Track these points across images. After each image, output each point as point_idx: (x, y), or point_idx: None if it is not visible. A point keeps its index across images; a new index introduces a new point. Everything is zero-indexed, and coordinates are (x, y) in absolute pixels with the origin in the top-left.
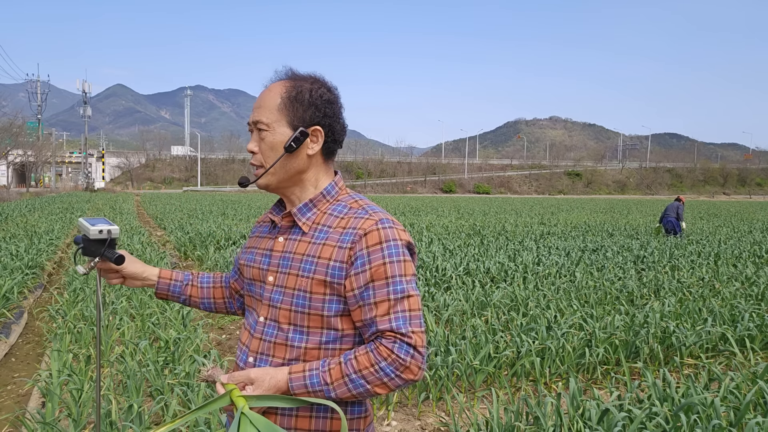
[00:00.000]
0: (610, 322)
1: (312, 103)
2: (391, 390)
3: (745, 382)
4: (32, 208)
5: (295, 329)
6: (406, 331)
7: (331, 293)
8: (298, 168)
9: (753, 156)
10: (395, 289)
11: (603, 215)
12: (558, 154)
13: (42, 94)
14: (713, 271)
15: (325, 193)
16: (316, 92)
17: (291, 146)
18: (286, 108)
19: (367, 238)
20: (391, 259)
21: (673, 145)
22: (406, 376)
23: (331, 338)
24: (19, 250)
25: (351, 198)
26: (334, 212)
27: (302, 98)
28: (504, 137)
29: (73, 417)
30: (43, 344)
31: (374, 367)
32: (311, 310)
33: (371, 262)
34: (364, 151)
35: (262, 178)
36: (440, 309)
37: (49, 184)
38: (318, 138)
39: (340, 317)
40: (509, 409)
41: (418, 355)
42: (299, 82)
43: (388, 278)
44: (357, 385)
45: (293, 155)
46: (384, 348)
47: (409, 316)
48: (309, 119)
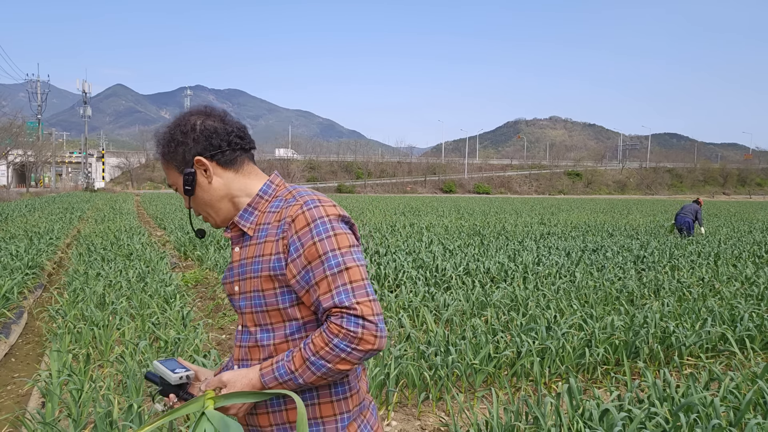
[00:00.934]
0: (610, 322)
1: (178, 143)
2: (354, 364)
3: (745, 382)
4: (32, 208)
5: (261, 329)
6: (350, 304)
7: (279, 286)
8: (217, 196)
9: (753, 156)
10: (330, 265)
11: (603, 215)
12: (558, 154)
13: (42, 94)
14: (713, 271)
15: (261, 194)
16: (176, 133)
17: (188, 190)
18: (168, 164)
19: (295, 223)
20: (320, 237)
21: (673, 145)
22: (363, 347)
23: (295, 329)
24: (19, 250)
25: (287, 191)
26: (272, 209)
27: (170, 149)
28: (504, 137)
29: (72, 417)
30: (43, 344)
31: (329, 346)
32: (268, 307)
33: (303, 245)
34: (364, 151)
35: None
36: (440, 309)
37: (49, 184)
38: (205, 165)
39: (296, 306)
40: (509, 409)
41: (370, 324)
42: (162, 136)
43: (321, 256)
44: (319, 367)
45: (202, 192)
46: (333, 325)
47: (351, 288)
48: (188, 159)
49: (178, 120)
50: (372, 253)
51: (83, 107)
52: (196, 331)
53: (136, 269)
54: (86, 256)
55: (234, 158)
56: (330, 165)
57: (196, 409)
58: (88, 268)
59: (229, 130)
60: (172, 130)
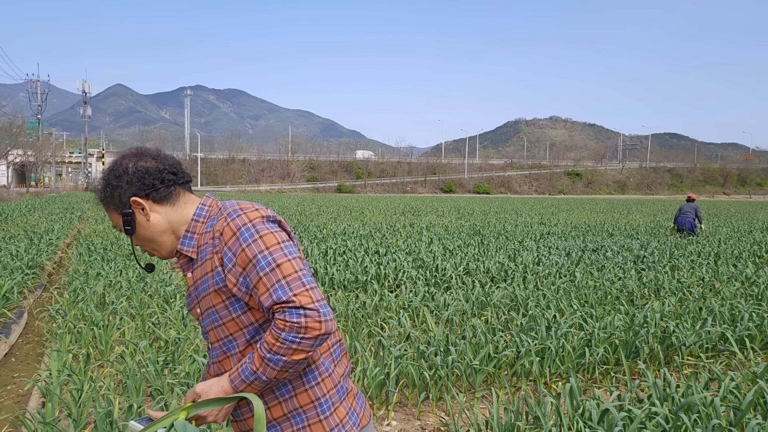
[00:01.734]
0: (610, 322)
1: (113, 187)
2: (308, 352)
3: (745, 382)
4: (32, 208)
5: (224, 341)
6: (287, 298)
7: (226, 298)
8: (158, 231)
9: (753, 156)
10: (261, 266)
11: (603, 215)
12: (558, 154)
13: (42, 94)
14: (713, 271)
15: (196, 218)
16: (110, 178)
17: (128, 230)
18: (108, 208)
19: (223, 235)
20: (247, 243)
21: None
22: (310, 335)
23: (254, 332)
24: (19, 250)
25: (217, 209)
26: (207, 229)
27: (106, 193)
28: (504, 137)
29: (73, 417)
30: (43, 344)
31: (279, 341)
32: (223, 320)
33: (235, 254)
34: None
35: (157, 256)
36: (440, 309)
37: (49, 184)
38: (141, 204)
39: (248, 312)
40: (509, 408)
41: (311, 312)
42: (98, 183)
43: (252, 260)
44: (276, 362)
45: (143, 229)
46: (278, 320)
47: (285, 282)
48: (124, 200)
49: (111, 165)
50: (372, 253)
51: (83, 107)
52: (196, 331)
53: (136, 269)
54: (86, 256)
55: (168, 194)
56: (330, 165)
57: (172, 421)
58: (88, 268)
59: (161, 168)
60: (107, 175)
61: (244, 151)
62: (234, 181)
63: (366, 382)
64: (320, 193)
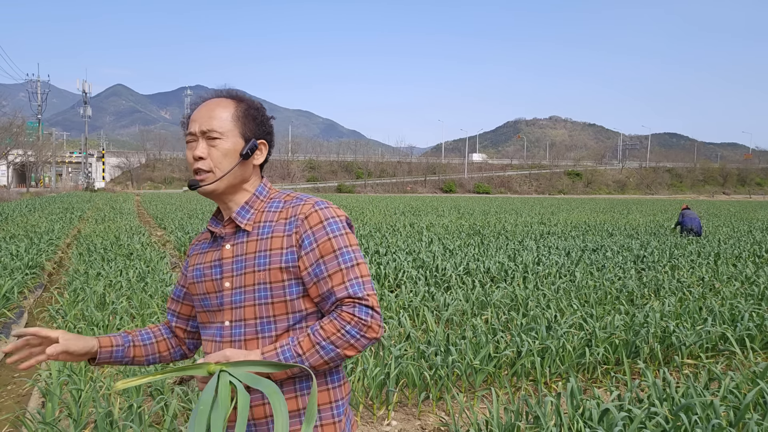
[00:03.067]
0: (610, 321)
1: (261, 121)
2: (358, 351)
3: (745, 382)
4: (32, 208)
5: (262, 321)
6: (362, 295)
7: (289, 277)
8: (244, 176)
9: (753, 156)
10: (344, 259)
11: (603, 215)
12: (558, 154)
13: (42, 94)
14: (713, 271)
15: (257, 194)
16: (260, 112)
17: (247, 154)
18: (239, 121)
19: (309, 219)
20: (334, 234)
21: (673, 145)
22: (369, 335)
23: (298, 319)
24: (19, 250)
25: (283, 194)
26: (271, 209)
27: (251, 114)
28: (504, 137)
29: (73, 417)
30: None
31: (341, 332)
32: (274, 299)
33: (317, 240)
34: (364, 151)
35: (214, 183)
36: (440, 309)
37: (50, 184)
38: (263, 151)
39: (301, 298)
40: (509, 408)
41: (377, 315)
42: (247, 102)
43: (336, 251)
44: (328, 351)
45: (243, 164)
46: (346, 313)
47: (362, 281)
48: (258, 133)
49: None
50: (372, 253)
51: (83, 107)
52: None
53: (137, 269)
54: (86, 256)
55: (265, 163)
56: (330, 165)
57: (197, 373)
58: (89, 268)
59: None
60: (261, 110)
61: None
62: None
63: (366, 382)
64: (320, 193)
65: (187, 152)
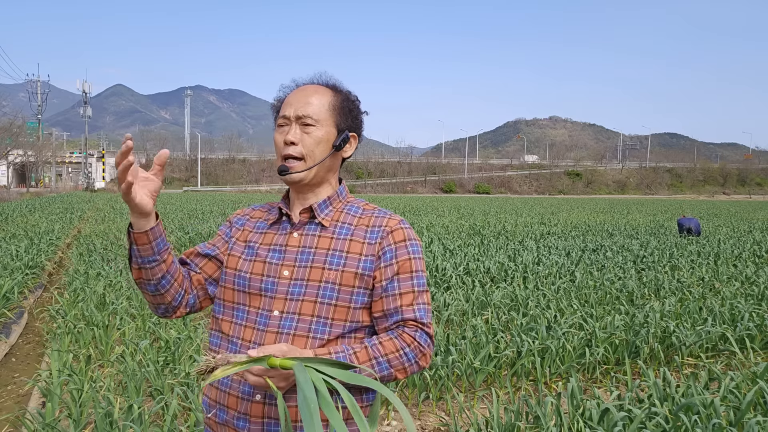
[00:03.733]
0: (610, 321)
1: (355, 115)
2: (407, 375)
3: (745, 382)
4: (32, 209)
5: (318, 320)
6: (426, 321)
7: (360, 285)
8: (331, 167)
9: (753, 156)
10: (419, 283)
11: (603, 215)
12: (558, 154)
13: (42, 94)
14: (713, 271)
15: (338, 193)
16: (355, 104)
17: (339, 145)
18: (335, 111)
19: (394, 235)
20: (415, 256)
21: (673, 145)
22: (422, 363)
23: (352, 329)
24: (19, 250)
25: (361, 201)
26: (350, 211)
27: (350, 107)
28: (504, 137)
29: (73, 417)
30: (44, 344)
31: (399, 352)
32: (338, 302)
33: (398, 256)
34: (365, 151)
35: (304, 172)
36: (440, 309)
37: (50, 184)
38: (353, 144)
39: (363, 309)
40: (509, 408)
41: (432, 345)
42: (345, 93)
43: (413, 272)
44: (382, 368)
45: (334, 155)
46: (407, 335)
47: (427, 308)
48: (351, 126)
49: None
50: None
51: (83, 107)
52: (196, 330)
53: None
54: (86, 256)
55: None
56: None
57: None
58: (89, 268)
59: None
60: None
61: (245, 151)
62: (234, 181)
63: None
64: None
65: (277, 136)
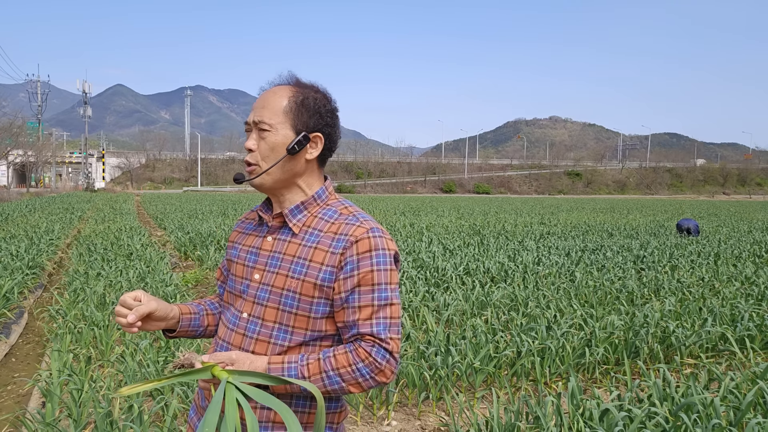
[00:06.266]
0: (610, 321)
1: (316, 111)
2: (363, 390)
3: (745, 382)
4: (32, 209)
5: (279, 328)
6: (384, 337)
7: (320, 296)
8: (295, 171)
9: (753, 156)
10: (379, 296)
11: (603, 215)
12: (558, 154)
13: (42, 94)
14: (713, 271)
15: (315, 197)
16: (320, 101)
17: (294, 149)
18: (291, 112)
19: (358, 245)
20: (379, 268)
21: (672, 145)
22: (379, 379)
23: (314, 338)
24: (19, 251)
25: (341, 204)
26: (324, 216)
27: (308, 105)
28: (504, 137)
29: (73, 417)
30: (44, 344)
31: (351, 367)
32: (299, 311)
33: (360, 268)
34: (364, 151)
35: (259, 177)
36: (440, 309)
37: (50, 184)
38: (318, 144)
39: (325, 319)
40: (509, 408)
41: (393, 361)
42: (305, 90)
43: (374, 285)
44: (333, 382)
45: (293, 158)
46: (363, 350)
47: (389, 323)
48: (312, 125)
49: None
50: None
51: (83, 107)
52: None
53: (137, 269)
54: (86, 256)
55: (328, 158)
56: (330, 165)
57: (202, 377)
58: (89, 268)
59: (339, 137)
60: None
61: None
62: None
63: None
64: None
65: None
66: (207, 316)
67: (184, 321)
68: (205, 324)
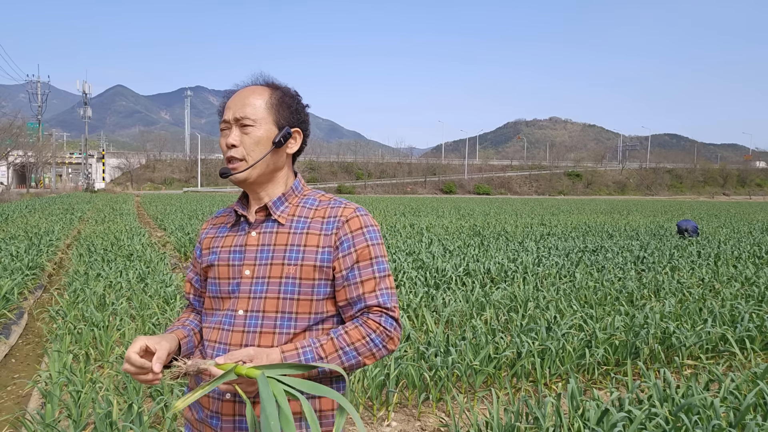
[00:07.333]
0: (610, 322)
1: (295, 109)
2: (376, 360)
3: (746, 383)
4: (32, 209)
5: (283, 316)
6: (390, 306)
7: (320, 277)
8: (276, 165)
9: (753, 156)
10: (379, 268)
11: (603, 216)
12: (558, 154)
13: (42, 94)
14: (713, 272)
15: (294, 189)
16: (296, 100)
17: (280, 141)
18: (273, 108)
19: (350, 223)
20: (373, 242)
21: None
22: (390, 347)
23: (317, 320)
24: (19, 251)
25: (317, 192)
26: (306, 205)
27: (287, 102)
28: (504, 138)
29: (72, 418)
30: (43, 345)
31: (365, 339)
32: (301, 296)
33: (356, 245)
34: (364, 151)
35: (246, 171)
36: (440, 309)
37: (50, 184)
38: (297, 139)
39: (326, 300)
40: (509, 409)
41: (399, 328)
42: (282, 89)
43: (372, 259)
44: (349, 357)
45: (276, 152)
46: (372, 321)
47: (390, 292)
48: (292, 121)
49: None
50: None
51: (83, 108)
52: None
53: (137, 270)
54: (86, 257)
55: (300, 153)
56: (330, 166)
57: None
58: (89, 269)
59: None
60: (297, 97)
61: None
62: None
63: (366, 382)
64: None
65: (221, 140)
66: (195, 335)
67: (182, 346)
68: (195, 343)
